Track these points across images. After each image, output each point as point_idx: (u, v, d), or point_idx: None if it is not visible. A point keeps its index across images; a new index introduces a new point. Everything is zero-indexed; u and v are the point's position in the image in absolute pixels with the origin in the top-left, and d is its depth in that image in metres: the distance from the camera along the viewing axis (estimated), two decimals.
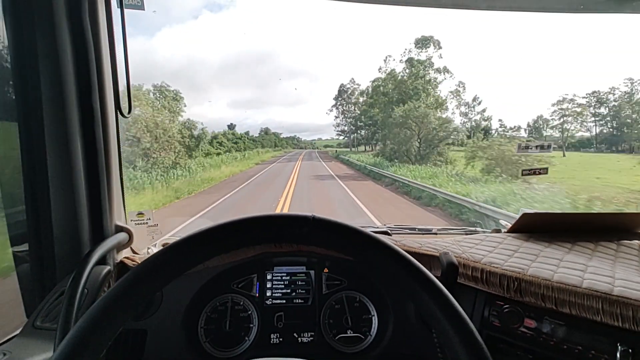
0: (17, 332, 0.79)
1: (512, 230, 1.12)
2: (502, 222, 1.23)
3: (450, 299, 0.42)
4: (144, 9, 0.98)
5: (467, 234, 1.23)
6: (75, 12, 0.81)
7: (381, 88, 28.76)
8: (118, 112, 0.89)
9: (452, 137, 19.70)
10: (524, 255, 0.89)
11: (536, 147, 1.22)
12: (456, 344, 0.40)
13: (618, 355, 0.64)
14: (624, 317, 0.64)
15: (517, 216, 1.09)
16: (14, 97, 0.80)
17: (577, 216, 1.11)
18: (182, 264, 0.44)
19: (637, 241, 1.00)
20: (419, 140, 19.71)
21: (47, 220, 0.84)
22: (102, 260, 0.91)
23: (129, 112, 0.89)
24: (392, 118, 21.62)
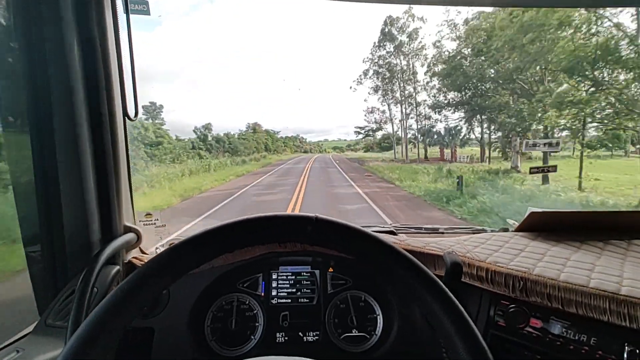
0: (30, 329, 0.81)
1: (519, 229, 1.10)
2: (510, 221, 1.22)
3: (452, 300, 0.42)
4: (149, 14, 1.01)
5: (473, 233, 1.22)
6: (83, 19, 0.83)
7: None
8: (125, 116, 0.91)
9: None
10: (530, 255, 0.87)
11: (544, 144, 1.19)
12: (459, 347, 0.40)
13: (625, 355, 0.63)
14: (632, 317, 0.63)
15: None
16: (25, 103, 0.83)
17: (587, 215, 1.09)
18: (188, 263, 0.45)
19: None
20: None
21: (59, 221, 0.87)
22: (112, 260, 0.93)
23: (136, 115, 0.92)
24: None
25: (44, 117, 0.83)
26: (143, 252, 1.09)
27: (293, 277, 1.01)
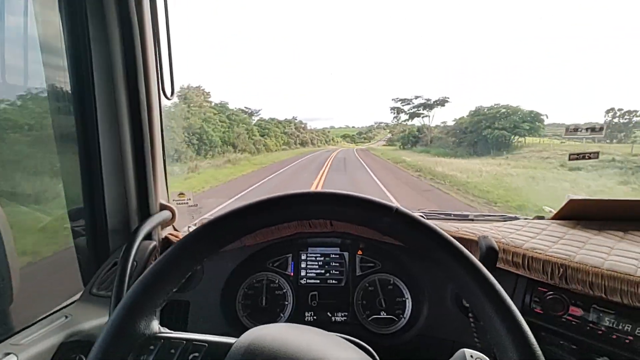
0: (76, 298, 0.86)
1: (557, 217, 1.06)
2: (546, 208, 1.17)
3: (502, 294, 0.40)
4: None
5: (505, 221, 1.19)
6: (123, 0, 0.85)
7: None
8: (162, 95, 0.93)
9: None
10: (570, 242, 0.84)
11: (587, 129, 1.13)
12: (507, 343, 0.38)
13: None
14: None
15: None
16: (69, 84, 0.86)
17: (629, 203, 1.03)
18: (251, 226, 0.46)
19: None
20: None
21: (101, 197, 0.91)
22: (149, 236, 0.97)
23: (172, 94, 0.93)
24: None
25: (87, 97, 0.85)
26: (176, 230, 1.13)
27: (322, 258, 1.02)
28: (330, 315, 0.98)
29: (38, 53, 0.82)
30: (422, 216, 1.22)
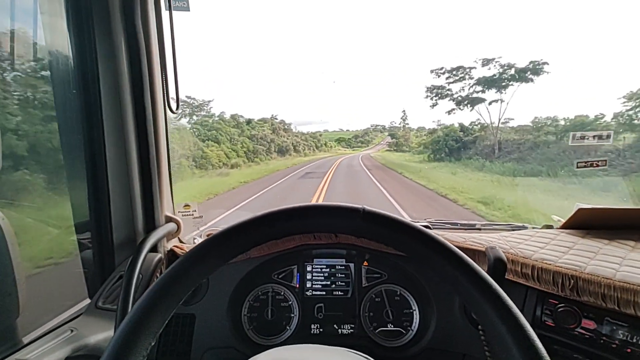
0: (82, 311, 0.86)
1: (565, 226, 1.05)
2: (554, 217, 1.16)
3: (506, 302, 0.39)
4: (189, 10, 1.03)
5: (513, 230, 1.17)
6: (129, 17, 0.87)
7: None
8: (167, 109, 0.94)
9: None
10: (580, 252, 0.83)
11: (593, 137, 1.11)
12: (509, 343, 0.37)
13: None
14: None
15: None
16: (77, 99, 0.87)
17: (638, 212, 1.02)
18: (231, 250, 0.46)
19: None
20: None
21: (107, 211, 0.91)
22: (154, 248, 0.97)
23: (177, 108, 0.94)
24: None
25: (94, 112, 0.87)
26: (181, 242, 1.13)
27: (327, 269, 1.01)
28: (336, 327, 0.96)
29: (47, 68, 0.84)
30: (428, 225, 1.21)
